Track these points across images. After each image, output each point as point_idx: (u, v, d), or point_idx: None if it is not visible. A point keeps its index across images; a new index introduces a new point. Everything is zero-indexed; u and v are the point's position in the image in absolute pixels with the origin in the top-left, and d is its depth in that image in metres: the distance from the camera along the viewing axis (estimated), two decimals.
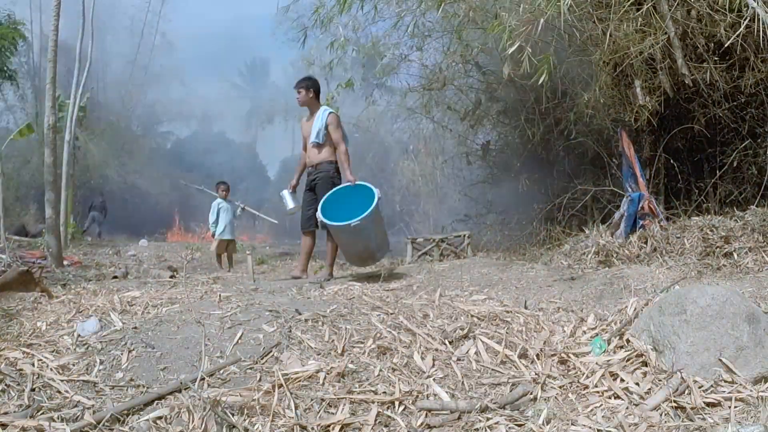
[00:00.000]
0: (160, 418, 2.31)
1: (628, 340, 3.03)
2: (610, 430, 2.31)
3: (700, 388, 2.55)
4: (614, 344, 3.06)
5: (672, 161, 7.63)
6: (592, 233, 6.97)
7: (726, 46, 5.89)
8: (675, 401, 2.46)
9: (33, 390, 2.48)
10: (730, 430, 2.24)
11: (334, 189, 5.56)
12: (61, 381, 2.56)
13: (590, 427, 2.32)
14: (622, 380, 2.72)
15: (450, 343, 3.11)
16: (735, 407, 2.42)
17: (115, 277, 7.82)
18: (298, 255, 6.82)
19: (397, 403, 2.47)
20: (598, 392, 2.65)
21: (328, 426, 2.29)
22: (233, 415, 2.29)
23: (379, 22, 9.02)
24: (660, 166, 7.64)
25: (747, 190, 7.11)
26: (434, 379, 2.73)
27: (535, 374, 2.82)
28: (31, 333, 3.08)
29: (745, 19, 5.00)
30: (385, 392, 2.54)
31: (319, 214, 5.34)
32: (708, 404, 2.46)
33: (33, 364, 2.67)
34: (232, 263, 9.70)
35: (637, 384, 2.67)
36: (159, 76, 33.89)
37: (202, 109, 40.75)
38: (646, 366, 2.83)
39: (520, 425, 2.35)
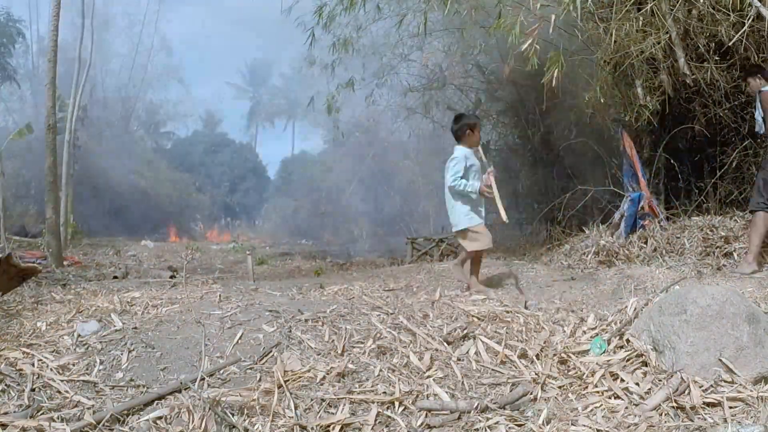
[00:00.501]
0: (160, 418, 2.30)
1: (628, 340, 3.03)
2: (610, 430, 2.31)
3: (700, 388, 2.55)
4: (614, 344, 3.06)
5: (672, 161, 7.63)
6: (592, 233, 6.98)
7: (727, 46, 5.89)
8: (675, 401, 2.46)
9: (33, 390, 2.48)
10: (730, 430, 2.24)
11: None
12: (61, 381, 2.56)
13: (590, 427, 2.32)
14: (622, 380, 2.72)
15: (450, 343, 3.11)
16: (735, 407, 2.42)
17: (115, 277, 7.83)
18: (298, 255, 6.79)
19: (397, 403, 2.47)
20: (598, 392, 2.64)
21: (328, 426, 2.29)
22: (233, 415, 2.29)
23: (380, 21, 9.01)
24: (660, 166, 7.63)
25: (747, 190, 7.09)
26: (434, 379, 2.72)
27: (535, 374, 2.82)
28: (31, 333, 3.08)
29: (748, 19, 5.00)
30: (385, 392, 2.54)
31: None
32: (708, 404, 2.46)
33: (33, 364, 2.67)
34: None
35: (637, 384, 2.67)
36: (159, 76, 33.92)
37: (202, 109, 40.82)
38: (646, 366, 2.82)
39: (520, 425, 2.35)
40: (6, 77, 15.73)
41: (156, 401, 2.42)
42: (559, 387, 2.73)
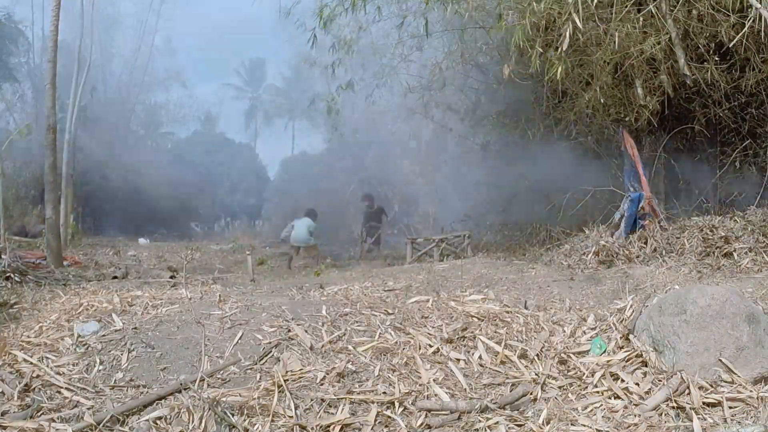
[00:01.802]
0: (160, 418, 2.30)
1: (628, 340, 3.03)
2: (610, 430, 2.31)
3: (700, 388, 2.55)
4: (614, 344, 3.06)
5: (672, 161, 7.63)
6: (592, 233, 6.97)
7: (727, 46, 5.89)
8: (675, 401, 2.46)
9: (33, 390, 2.47)
10: (730, 430, 2.23)
11: None
12: (61, 381, 2.56)
13: (590, 427, 2.32)
14: (622, 380, 2.72)
15: (449, 343, 3.11)
16: (735, 407, 2.42)
17: (115, 277, 7.81)
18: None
19: (397, 403, 2.47)
20: (598, 392, 2.64)
21: (328, 426, 2.29)
22: (233, 415, 2.29)
23: (380, 22, 9.01)
24: (660, 166, 7.63)
25: (747, 190, 7.10)
26: (434, 379, 2.72)
27: (535, 374, 2.82)
28: (32, 333, 3.08)
29: (749, 20, 5.00)
30: (385, 392, 2.54)
31: None
32: (708, 404, 2.46)
33: (33, 364, 2.67)
34: None
35: (637, 384, 2.67)
36: (159, 76, 33.89)
37: (202, 109, 40.78)
38: (646, 366, 2.82)
39: (520, 425, 2.35)
40: (6, 77, 15.76)
41: (156, 401, 2.42)
42: (559, 387, 2.73)
